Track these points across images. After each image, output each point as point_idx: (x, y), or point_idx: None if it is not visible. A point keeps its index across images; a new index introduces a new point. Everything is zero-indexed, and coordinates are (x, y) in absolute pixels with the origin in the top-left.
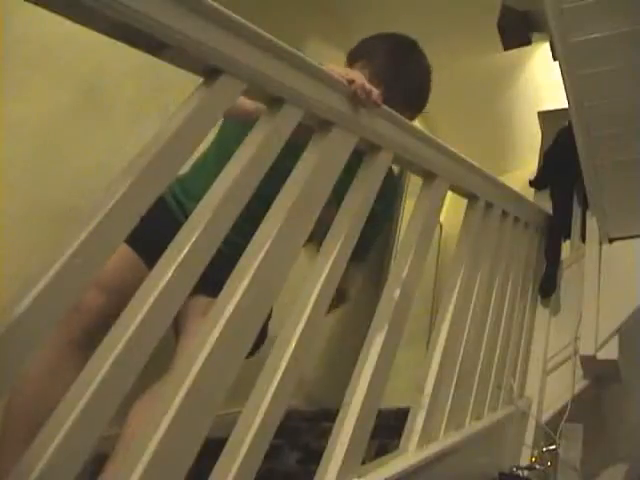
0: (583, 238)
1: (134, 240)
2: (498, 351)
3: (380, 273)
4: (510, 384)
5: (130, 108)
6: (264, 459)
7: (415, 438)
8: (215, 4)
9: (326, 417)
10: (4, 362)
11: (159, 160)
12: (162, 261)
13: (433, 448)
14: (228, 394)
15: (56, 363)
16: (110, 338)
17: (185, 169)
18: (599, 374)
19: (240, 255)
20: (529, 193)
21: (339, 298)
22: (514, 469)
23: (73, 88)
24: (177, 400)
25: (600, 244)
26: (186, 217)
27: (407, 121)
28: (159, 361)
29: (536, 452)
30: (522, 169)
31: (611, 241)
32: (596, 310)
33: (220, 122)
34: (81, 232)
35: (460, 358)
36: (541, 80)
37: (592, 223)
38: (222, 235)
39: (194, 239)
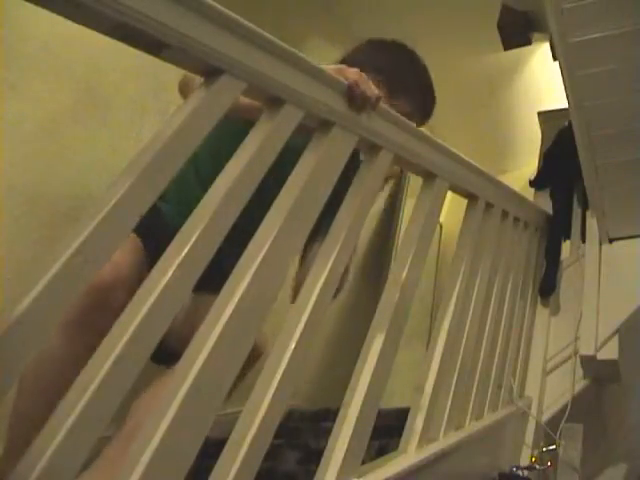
0: (583, 238)
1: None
2: (498, 351)
3: (380, 273)
4: (510, 384)
5: (130, 108)
6: (264, 459)
7: (415, 438)
8: (215, 4)
9: (326, 417)
10: (4, 362)
11: (159, 160)
12: (163, 260)
13: (433, 448)
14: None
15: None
16: (110, 338)
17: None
18: (599, 374)
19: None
20: (529, 193)
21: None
22: (514, 469)
23: (73, 88)
24: (178, 399)
25: (600, 244)
26: None
27: (407, 121)
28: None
29: (536, 452)
30: (522, 169)
31: (611, 241)
32: (596, 310)
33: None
34: (81, 232)
35: (460, 358)
36: (541, 80)
37: (592, 223)
38: (222, 235)
39: (194, 238)
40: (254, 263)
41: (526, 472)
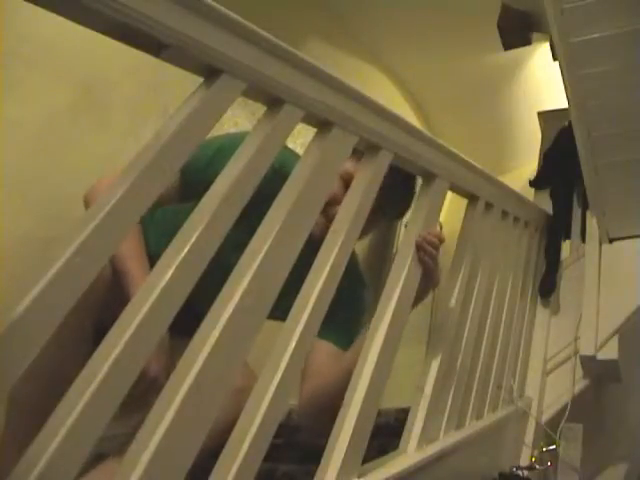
0: (583, 238)
1: None
2: (498, 351)
3: (380, 273)
4: (510, 384)
5: (129, 108)
6: (264, 459)
7: (415, 438)
8: (215, 4)
9: None
10: (4, 362)
11: (159, 160)
12: (162, 260)
13: (433, 448)
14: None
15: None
16: (110, 338)
17: None
18: (599, 374)
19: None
20: (529, 193)
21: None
22: (514, 469)
23: (72, 88)
24: (177, 400)
25: (600, 244)
26: None
27: (407, 121)
28: None
29: (536, 452)
30: (522, 169)
31: (611, 241)
32: (596, 310)
33: None
34: (81, 232)
35: (460, 358)
36: (541, 80)
37: (592, 223)
38: (223, 235)
39: (194, 239)
40: (254, 262)
41: (526, 472)
